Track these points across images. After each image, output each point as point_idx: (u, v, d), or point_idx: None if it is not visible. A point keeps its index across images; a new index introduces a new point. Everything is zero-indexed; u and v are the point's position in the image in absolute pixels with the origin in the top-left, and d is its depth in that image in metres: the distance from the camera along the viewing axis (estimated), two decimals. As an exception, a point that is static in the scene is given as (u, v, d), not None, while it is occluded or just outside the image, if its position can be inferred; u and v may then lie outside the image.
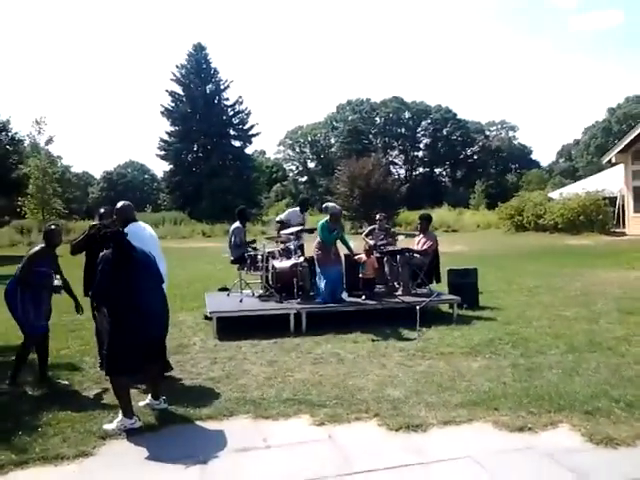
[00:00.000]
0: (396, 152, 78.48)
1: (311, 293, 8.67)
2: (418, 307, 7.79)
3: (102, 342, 5.32)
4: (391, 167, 64.05)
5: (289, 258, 8.82)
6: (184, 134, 49.86)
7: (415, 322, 7.55)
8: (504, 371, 5.63)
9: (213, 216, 40.88)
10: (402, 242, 9.75)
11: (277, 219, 10.25)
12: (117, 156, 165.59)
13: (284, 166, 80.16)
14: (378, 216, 9.90)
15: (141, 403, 4.85)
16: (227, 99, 51.79)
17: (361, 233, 11.59)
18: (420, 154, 79.69)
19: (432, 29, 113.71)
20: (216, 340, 7.32)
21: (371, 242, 9.59)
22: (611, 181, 26.62)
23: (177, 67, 51.00)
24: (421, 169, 79.27)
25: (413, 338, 7.14)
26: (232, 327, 7.68)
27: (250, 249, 9.11)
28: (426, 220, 9.24)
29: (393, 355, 6.41)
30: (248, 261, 8.68)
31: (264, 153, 76.89)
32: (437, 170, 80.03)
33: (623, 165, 23.31)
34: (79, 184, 64.37)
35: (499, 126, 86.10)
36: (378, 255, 8.70)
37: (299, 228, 9.24)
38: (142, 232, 5.63)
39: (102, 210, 6.31)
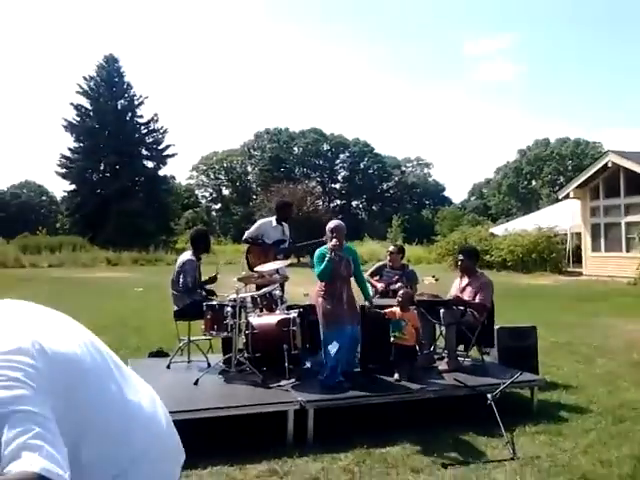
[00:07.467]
0: (314, 183, 76.63)
1: (306, 364, 5.57)
2: (490, 396, 4.88)
3: None
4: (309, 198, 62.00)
5: (272, 310, 5.66)
6: (90, 151, 44.66)
7: (482, 417, 4.77)
8: None
9: (120, 242, 36.33)
10: (425, 287, 6.83)
11: (245, 237, 6.73)
12: (11, 175, 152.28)
13: (196, 192, 75.84)
14: (391, 248, 6.93)
15: None
16: (141, 116, 47.05)
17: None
18: (338, 186, 78.64)
19: (351, 65, 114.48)
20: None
21: (379, 285, 6.66)
22: (557, 218, 25.37)
23: (85, 79, 45.81)
24: (338, 201, 77.96)
25: (507, 457, 4.22)
26: (181, 431, 4.37)
27: (206, 293, 5.87)
28: (470, 255, 6.27)
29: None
30: (208, 315, 5.36)
31: (174, 178, 72.16)
32: (354, 203, 79.23)
33: (580, 201, 21.91)
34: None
35: (415, 162, 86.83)
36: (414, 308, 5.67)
37: (286, 262, 6.06)
38: None
39: None
